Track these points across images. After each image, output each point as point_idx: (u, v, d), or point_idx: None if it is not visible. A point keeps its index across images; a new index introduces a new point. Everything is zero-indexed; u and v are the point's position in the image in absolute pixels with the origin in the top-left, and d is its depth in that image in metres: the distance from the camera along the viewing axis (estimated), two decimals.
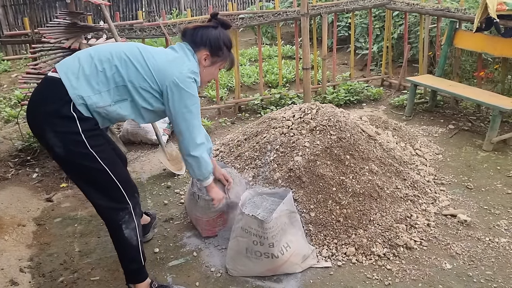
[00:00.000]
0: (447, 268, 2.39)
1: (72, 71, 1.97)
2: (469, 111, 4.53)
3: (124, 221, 2.11)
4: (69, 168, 2.08)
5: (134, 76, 2.01)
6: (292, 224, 2.41)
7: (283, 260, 2.32)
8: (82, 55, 2.03)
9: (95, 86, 1.97)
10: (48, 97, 1.96)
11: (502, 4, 3.74)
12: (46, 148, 2.04)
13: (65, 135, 1.94)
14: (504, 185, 3.18)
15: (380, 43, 5.94)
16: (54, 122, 1.93)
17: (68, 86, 1.93)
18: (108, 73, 1.98)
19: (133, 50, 2.05)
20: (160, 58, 2.06)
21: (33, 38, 3.85)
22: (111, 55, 2.01)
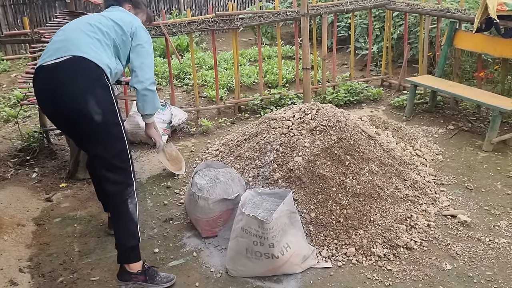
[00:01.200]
0: (447, 269, 2.39)
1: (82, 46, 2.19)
2: (469, 112, 4.53)
3: (129, 196, 2.26)
4: (100, 136, 2.19)
5: (115, 35, 2.36)
6: (292, 225, 2.41)
7: (283, 260, 2.32)
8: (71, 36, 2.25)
9: (105, 52, 2.26)
10: (80, 74, 2.13)
11: (502, 5, 3.74)
12: (81, 119, 2.14)
13: (105, 103, 2.16)
14: (504, 186, 3.18)
15: (380, 44, 5.94)
16: (96, 92, 2.14)
17: (95, 60, 2.17)
18: (106, 39, 2.30)
19: (102, 18, 2.38)
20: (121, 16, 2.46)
21: (33, 38, 3.85)
22: (97, 26, 2.31)
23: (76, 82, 2.12)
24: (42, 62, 2.20)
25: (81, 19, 2.40)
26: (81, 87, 2.12)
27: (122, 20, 2.41)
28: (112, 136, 2.20)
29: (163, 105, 4.18)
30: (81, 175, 3.49)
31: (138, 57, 2.42)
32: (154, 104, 2.49)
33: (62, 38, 2.26)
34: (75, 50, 2.17)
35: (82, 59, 2.15)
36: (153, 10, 9.88)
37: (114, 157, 2.21)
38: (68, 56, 2.15)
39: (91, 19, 2.38)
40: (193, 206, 2.69)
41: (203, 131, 4.33)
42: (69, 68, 2.14)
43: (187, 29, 4.36)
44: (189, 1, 10.19)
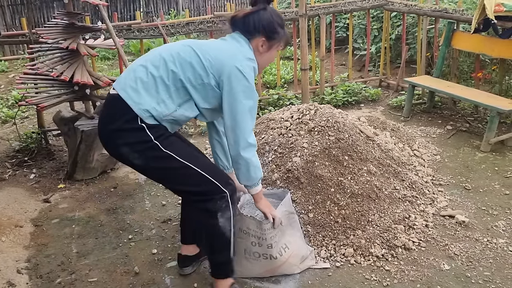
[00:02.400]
0: (445, 269, 2.39)
1: (129, 85, 1.96)
2: (467, 112, 4.54)
3: (221, 209, 2.04)
4: (155, 175, 2.08)
5: (191, 75, 1.95)
6: (291, 225, 2.41)
7: (281, 261, 2.32)
8: (135, 66, 2.01)
9: (156, 95, 1.94)
10: (113, 115, 1.97)
11: (500, 5, 3.75)
12: (127, 164, 2.05)
13: (138, 145, 1.95)
14: (502, 186, 3.18)
15: (378, 44, 5.95)
16: (124, 135, 1.95)
17: (130, 103, 1.92)
18: (165, 79, 1.94)
19: (184, 48, 1.99)
20: (214, 50, 1.98)
21: (31, 39, 3.84)
22: (164, 59, 1.96)
23: (106, 123, 1.99)
24: None
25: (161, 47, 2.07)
26: (109, 129, 1.98)
27: (214, 56, 1.95)
28: (169, 169, 1.99)
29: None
30: (79, 176, 3.49)
31: (230, 111, 1.97)
32: (249, 174, 2.04)
33: (131, 66, 2.06)
34: (122, 87, 1.97)
35: (119, 99, 1.94)
36: (151, 10, 9.88)
37: (185, 185, 2.03)
38: (115, 91, 1.98)
39: (171, 46, 2.03)
40: None
41: (201, 132, 4.33)
42: (108, 105, 2.02)
43: (186, 30, 4.36)
44: (187, 1, 10.19)
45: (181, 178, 2.02)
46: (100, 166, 3.55)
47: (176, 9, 9.97)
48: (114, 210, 3.09)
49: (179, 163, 1.98)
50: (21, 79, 3.51)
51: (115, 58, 7.44)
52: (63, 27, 3.52)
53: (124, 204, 3.16)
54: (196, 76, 1.95)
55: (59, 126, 3.66)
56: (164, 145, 1.96)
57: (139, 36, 4.26)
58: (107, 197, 3.26)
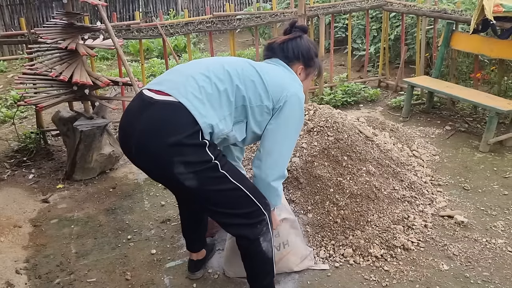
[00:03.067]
0: (444, 269, 2.39)
1: (193, 94, 1.74)
2: (465, 113, 4.55)
3: (262, 233, 1.93)
4: (203, 198, 1.84)
5: (252, 94, 1.83)
6: (292, 227, 2.41)
7: (279, 256, 2.30)
8: (192, 73, 1.81)
9: (220, 110, 1.78)
10: (172, 126, 1.70)
11: (499, 6, 3.76)
12: (172, 185, 1.86)
13: (197, 165, 1.74)
14: (501, 186, 3.19)
15: (377, 44, 5.95)
16: (184, 152, 1.71)
17: (196, 114, 1.71)
18: (230, 94, 1.79)
19: (246, 66, 1.88)
20: (273, 73, 1.90)
21: (30, 39, 3.84)
22: (229, 73, 1.82)
23: (160, 135, 1.70)
24: (148, 86, 1.84)
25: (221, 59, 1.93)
26: (165, 142, 1.70)
27: (273, 82, 1.86)
28: (221, 192, 1.83)
29: None
30: (78, 176, 3.48)
31: (272, 137, 1.87)
32: (273, 199, 1.98)
33: (183, 69, 1.86)
34: (183, 94, 1.73)
35: (180, 107, 1.71)
36: (150, 10, 9.88)
37: (234, 210, 1.88)
38: (169, 98, 1.74)
39: (231, 60, 1.90)
40: None
41: None
42: (159, 112, 1.73)
43: (185, 30, 4.36)
44: (186, 1, 10.19)
45: (231, 200, 1.87)
46: (99, 166, 3.54)
47: (175, 9, 9.97)
48: (113, 210, 3.08)
49: (232, 184, 1.83)
50: (20, 79, 3.51)
51: (114, 58, 7.44)
52: (62, 27, 3.52)
53: (123, 204, 3.15)
54: (257, 96, 1.84)
55: (58, 126, 3.66)
56: (221, 164, 1.81)
57: (138, 36, 4.25)
58: (106, 198, 3.25)
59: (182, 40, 7.52)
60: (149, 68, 6.32)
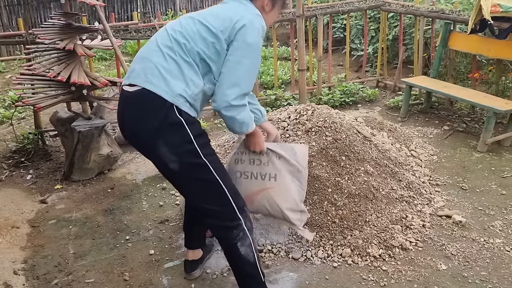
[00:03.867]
0: (442, 269, 2.39)
1: (152, 74, 1.83)
2: (463, 112, 4.56)
3: (238, 239, 1.96)
4: (183, 183, 1.94)
5: (202, 45, 1.85)
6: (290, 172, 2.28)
7: (260, 187, 2.21)
8: (147, 54, 1.89)
9: (182, 76, 1.84)
10: (146, 113, 1.82)
11: (496, 6, 3.77)
12: (158, 164, 1.93)
13: (178, 147, 1.83)
14: (499, 186, 3.19)
15: (375, 45, 5.96)
16: (164, 134, 1.82)
17: (161, 93, 1.80)
18: (184, 56, 1.84)
19: (187, 21, 1.91)
20: (218, 13, 1.91)
21: (28, 39, 3.83)
22: (173, 37, 1.87)
23: (142, 123, 1.84)
24: (123, 82, 1.95)
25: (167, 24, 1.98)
26: (147, 130, 1.83)
27: (220, 20, 1.88)
28: (199, 181, 1.89)
29: None
30: (76, 176, 3.48)
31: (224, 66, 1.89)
32: (234, 129, 1.96)
33: (140, 54, 1.95)
34: (144, 80, 1.84)
35: (149, 93, 1.81)
36: (148, 11, 9.87)
37: (210, 205, 1.93)
38: (137, 87, 1.85)
39: (175, 23, 1.94)
40: None
41: None
42: (135, 103, 1.86)
43: None
44: (184, 2, 10.18)
45: (208, 194, 1.92)
46: (97, 166, 3.54)
47: (174, 10, 9.96)
48: (111, 211, 3.08)
49: (212, 176, 1.88)
50: (18, 80, 3.50)
51: (112, 58, 7.43)
52: (60, 28, 3.51)
53: (121, 204, 3.15)
54: (208, 44, 1.86)
55: (56, 127, 3.65)
56: (204, 152, 1.87)
57: (136, 37, 4.25)
58: (104, 198, 3.25)
59: None
60: None
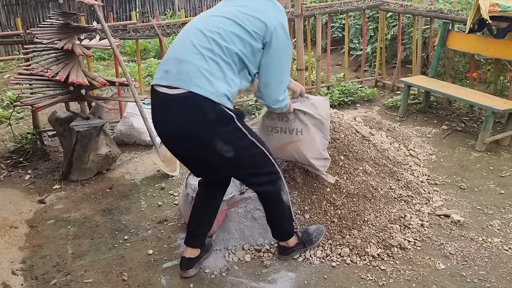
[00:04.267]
0: (440, 268, 2.40)
1: (197, 77, 1.91)
2: (462, 112, 4.56)
3: (280, 188, 2.24)
4: (237, 164, 2.11)
5: (240, 45, 1.97)
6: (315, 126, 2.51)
7: (288, 139, 2.48)
8: (186, 56, 1.95)
9: (223, 77, 1.95)
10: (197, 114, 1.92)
11: (495, 6, 3.77)
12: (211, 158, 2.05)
13: (232, 138, 2.01)
14: (497, 185, 3.20)
15: (374, 44, 5.96)
16: (218, 130, 1.97)
17: (210, 96, 1.90)
18: (224, 58, 1.95)
19: (224, 21, 1.99)
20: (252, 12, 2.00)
21: (26, 39, 3.83)
22: (213, 39, 1.95)
23: (196, 124, 1.94)
24: (155, 82, 2.01)
25: (197, 23, 2.06)
26: (202, 130, 1.95)
27: (254, 23, 1.97)
28: (250, 156, 2.11)
29: None
30: (75, 176, 3.48)
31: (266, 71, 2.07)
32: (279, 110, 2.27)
33: (175, 55, 2.00)
34: (188, 83, 1.91)
35: (196, 95, 1.90)
36: (147, 10, 9.87)
37: (256, 168, 2.16)
38: (182, 91, 1.91)
39: (208, 23, 2.00)
40: (187, 207, 2.68)
41: None
42: (184, 105, 1.93)
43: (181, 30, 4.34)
44: (183, 2, 10.17)
45: (257, 162, 2.14)
46: (96, 166, 3.54)
47: (172, 10, 9.95)
48: (109, 210, 3.08)
49: (258, 148, 2.11)
50: (16, 80, 3.49)
51: (111, 58, 7.42)
52: (58, 27, 3.51)
53: (120, 204, 3.15)
54: (245, 44, 1.97)
55: (54, 127, 3.65)
56: (249, 132, 2.08)
57: (135, 37, 4.25)
58: (102, 198, 3.25)
59: None
60: (146, 69, 6.31)
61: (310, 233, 2.51)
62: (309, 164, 2.57)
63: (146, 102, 4.11)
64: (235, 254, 2.54)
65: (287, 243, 2.45)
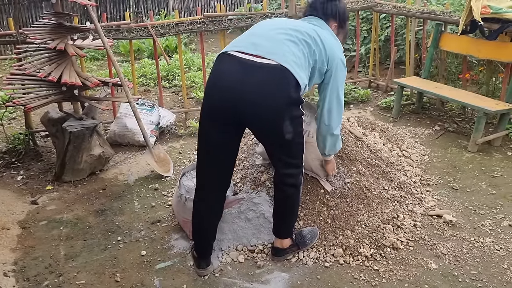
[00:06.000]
0: (433, 268, 2.41)
1: (292, 59, 2.02)
2: (454, 113, 4.59)
3: (301, 183, 2.33)
4: (286, 148, 2.17)
5: (318, 58, 2.14)
6: None
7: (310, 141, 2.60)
8: (280, 38, 2.06)
9: (305, 71, 2.08)
10: (281, 87, 2.00)
11: (486, 7, 3.80)
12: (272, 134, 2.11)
13: (297, 122, 2.10)
14: (489, 186, 3.22)
15: (368, 45, 5.99)
16: (293, 109, 2.06)
17: (298, 77, 2.01)
18: (309, 58, 2.10)
19: (314, 34, 2.14)
20: (329, 40, 2.19)
21: (18, 39, 3.80)
22: (307, 36, 2.10)
23: (276, 96, 1.99)
24: (235, 48, 2.06)
25: (289, 21, 2.20)
26: (280, 103, 2.01)
27: (330, 48, 2.16)
28: (298, 144, 2.19)
29: (151, 106, 4.17)
30: (68, 177, 3.46)
31: (330, 98, 2.24)
32: (335, 147, 2.43)
33: (264, 34, 2.10)
34: (281, 58, 2.00)
35: (287, 72, 1.99)
36: (141, 11, 9.84)
37: (296, 158, 2.24)
38: (272, 61, 1.99)
39: (302, 26, 2.15)
40: (180, 208, 2.68)
41: (191, 133, 4.31)
42: (271, 76, 1.98)
43: (175, 31, 4.34)
44: (177, 2, 10.15)
45: (298, 152, 2.23)
46: (89, 167, 3.52)
47: (166, 10, 9.93)
48: (102, 211, 3.06)
49: (303, 139, 2.22)
50: (8, 80, 3.47)
51: (104, 58, 7.39)
52: (51, 27, 3.49)
53: (113, 205, 3.14)
54: (320, 61, 2.15)
55: (47, 127, 3.62)
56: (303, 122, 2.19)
57: (128, 37, 4.23)
58: (95, 199, 3.23)
59: (173, 40, 7.49)
60: (139, 69, 6.29)
61: (304, 235, 2.52)
62: (311, 168, 2.71)
63: (139, 102, 4.10)
64: (228, 255, 2.54)
65: (281, 244, 2.46)
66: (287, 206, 2.38)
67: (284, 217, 2.42)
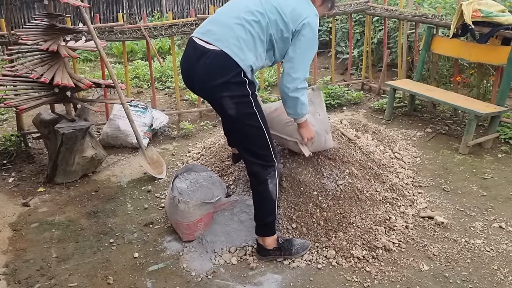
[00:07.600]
0: (424, 269, 2.43)
1: (233, 43, 2.21)
2: (446, 115, 4.63)
3: (270, 177, 2.38)
4: (236, 127, 2.34)
5: (275, 30, 2.27)
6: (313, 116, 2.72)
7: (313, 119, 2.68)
8: (230, 23, 2.24)
9: (255, 50, 2.25)
10: (220, 70, 2.21)
11: (477, 11, 3.85)
12: (221, 112, 2.34)
13: (238, 98, 2.24)
14: (480, 187, 3.25)
15: (361, 48, 6.02)
16: (230, 88, 2.22)
17: (237, 59, 2.20)
18: (261, 35, 2.25)
19: (269, 7, 2.26)
20: (290, 6, 2.27)
21: (10, 40, 3.77)
22: (256, 15, 2.24)
23: (215, 77, 2.22)
24: (196, 34, 2.33)
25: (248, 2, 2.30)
26: (218, 83, 2.22)
27: (291, 13, 2.26)
28: (248, 125, 2.29)
29: (144, 108, 4.16)
30: (60, 179, 3.44)
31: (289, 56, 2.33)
32: (296, 110, 2.43)
33: (220, 20, 2.30)
34: (225, 45, 2.21)
35: (225, 56, 2.20)
36: (134, 12, 9.81)
37: (252, 144, 2.34)
38: (215, 47, 2.22)
39: (254, 4, 2.28)
40: (173, 210, 2.68)
41: (184, 134, 4.31)
42: (213, 60, 2.22)
43: (169, 32, 4.34)
44: (171, 3, 10.14)
45: (255, 138, 2.33)
46: (81, 169, 3.50)
47: (160, 11, 9.91)
48: (95, 213, 3.05)
49: (259, 124, 2.31)
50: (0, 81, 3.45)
51: (97, 60, 7.35)
52: (43, 29, 3.47)
53: (106, 207, 3.12)
54: (278, 30, 2.27)
55: (39, 129, 3.60)
56: (255, 104, 2.29)
57: (121, 38, 4.22)
58: (88, 201, 3.22)
59: (166, 42, 7.48)
60: (133, 70, 6.28)
61: (293, 244, 2.52)
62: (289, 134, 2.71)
63: (132, 104, 4.09)
64: (221, 257, 2.54)
65: (264, 242, 2.49)
66: (255, 200, 2.47)
67: (256, 212, 2.48)
